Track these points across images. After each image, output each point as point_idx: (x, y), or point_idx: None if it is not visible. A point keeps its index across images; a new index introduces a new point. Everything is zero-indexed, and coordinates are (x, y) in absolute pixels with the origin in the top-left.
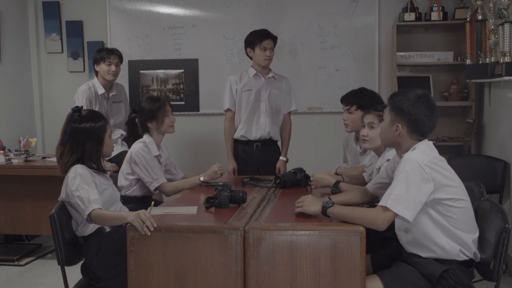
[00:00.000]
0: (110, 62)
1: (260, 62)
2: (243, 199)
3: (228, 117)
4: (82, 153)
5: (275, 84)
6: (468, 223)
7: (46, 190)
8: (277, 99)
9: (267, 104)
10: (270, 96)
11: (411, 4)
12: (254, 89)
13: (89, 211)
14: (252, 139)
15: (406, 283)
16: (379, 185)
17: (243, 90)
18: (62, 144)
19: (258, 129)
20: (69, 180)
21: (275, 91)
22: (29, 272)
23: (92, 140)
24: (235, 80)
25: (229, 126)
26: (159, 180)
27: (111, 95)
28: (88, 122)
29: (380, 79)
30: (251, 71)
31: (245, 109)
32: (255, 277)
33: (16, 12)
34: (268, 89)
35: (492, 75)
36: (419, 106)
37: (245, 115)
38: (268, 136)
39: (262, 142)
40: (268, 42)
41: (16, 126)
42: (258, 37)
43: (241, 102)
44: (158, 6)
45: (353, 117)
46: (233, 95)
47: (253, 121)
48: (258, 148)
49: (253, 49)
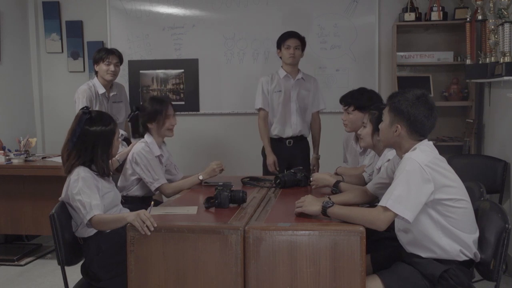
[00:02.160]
0: (109, 62)
1: (285, 60)
2: (243, 199)
3: (262, 115)
4: (91, 156)
5: (303, 85)
6: (469, 223)
7: (46, 190)
8: (305, 99)
9: (297, 104)
10: (299, 97)
11: (411, 4)
12: (284, 90)
13: (90, 217)
14: (284, 137)
15: (406, 283)
16: (379, 185)
17: (274, 91)
18: (70, 146)
19: (290, 128)
20: (71, 182)
21: (304, 92)
22: (29, 272)
23: (102, 143)
24: (267, 81)
25: (264, 124)
26: (160, 181)
27: (111, 95)
28: (99, 125)
29: (380, 79)
30: (281, 72)
31: (276, 109)
32: (255, 277)
33: (16, 12)
34: (297, 90)
35: (492, 75)
36: (418, 107)
37: (277, 115)
38: (300, 134)
39: (294, 139)
40: (292, 40)
41: (16, 126)
42: (283, 37)
43: (272, 102)
44: (158, 6)
45: (352, 118)
46: (265, 95)
47: (285, 121)
48: (290, 144)
49: (280, 49)
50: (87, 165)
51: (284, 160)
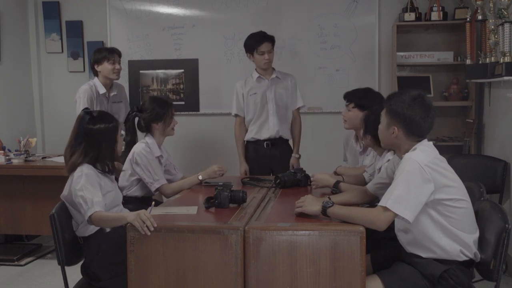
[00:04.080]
0: (114, 61)
1: (260, 66)
2: (243, 199)
3: (238, 122)
4: (98, 154)
5: (279, 83)
6: (469, 223)
7: (46, 190)
8: (283, 98)
9: (274, 104)
10: (276, 96)
11: (411, 4)
12: (259, 92)
13: (91, 213)
14: (261, 139)
15: (406, 283)
16: (379, 185)
17: (249, 94)
18: (75, 146)
19: (268, 130)
20: (74, 178)
21: (281, 90)
22: (29, 272)
23: (108, 140)
24: (241, 85)
25: (239, 131)
26: (160, 181)
27: (111, 94)
28: (102, 123)
29: (380, 79)
30: (254, 74)
31: (253, 112)
32: (255, 277)
33: (16, 12)
34: (273, 90)
35: (492, 75)
36: (414, 108)
37: (254, 117)
38: (278, 135)
39: (272, 141)
40: (265, 45)
41: (16, 126)
42: (254, 42)
43: (249, 106)
44: (158, 6)
45: (351, 115)
46: (239, 100)
47: (262, 123)
48: (269, 147)
49: (252, 54)
50: (91, 163)
51: (263, 163)
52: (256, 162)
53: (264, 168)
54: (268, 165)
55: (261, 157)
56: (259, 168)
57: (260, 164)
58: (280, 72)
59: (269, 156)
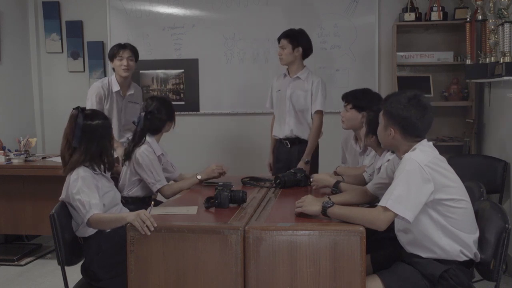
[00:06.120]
0: (121, 57)
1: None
2: (243, 199)
3: (273, 117)
4: (99, 150)
5: (299, 84)
6: (469, 223)
7: (46, 190)
8: (300, 100)
9: (290, 104)
10: (293, 96)
11: (411, 4)
12: (282, 89)
13: (90, 216)
14: (281, 138)
15: (406, 283)
16: (379, 186)
17: (276, 90)
18: (76, 144)
19: (284, 129)
20: (71, 182)
21: (299, 92)
22: (29, 272)
23: (106, 135)
24: (274, 81)
25: (272, 125)
26: (162, 182)
27: (128, 94)
28: (98, 119)
29: (380, 79)
30: (285, 70)
31: (276, 108)
32: (255, 277)
33: (16, 12)
34: (291, 89)
35: (492, 75)
36: (409, 109)
37: (276, 114)
38: (293, 135)
39: (290, 141)
40: (280, 42)
41: (16, 126)
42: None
43: (276, 102)
44: (158, 6)
45: (349, 115)
46: (271, 96)
47: (281, 120)
48: (288, 146)
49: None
50: (92, 161)
51: (283, 161)
52: (278, 160)
53: (284, 165)
54: (287, 163)
55: (282, 155)
56: (280, 165)
57: (281, 162)
58: (305, 72)
59: (289, 155)
